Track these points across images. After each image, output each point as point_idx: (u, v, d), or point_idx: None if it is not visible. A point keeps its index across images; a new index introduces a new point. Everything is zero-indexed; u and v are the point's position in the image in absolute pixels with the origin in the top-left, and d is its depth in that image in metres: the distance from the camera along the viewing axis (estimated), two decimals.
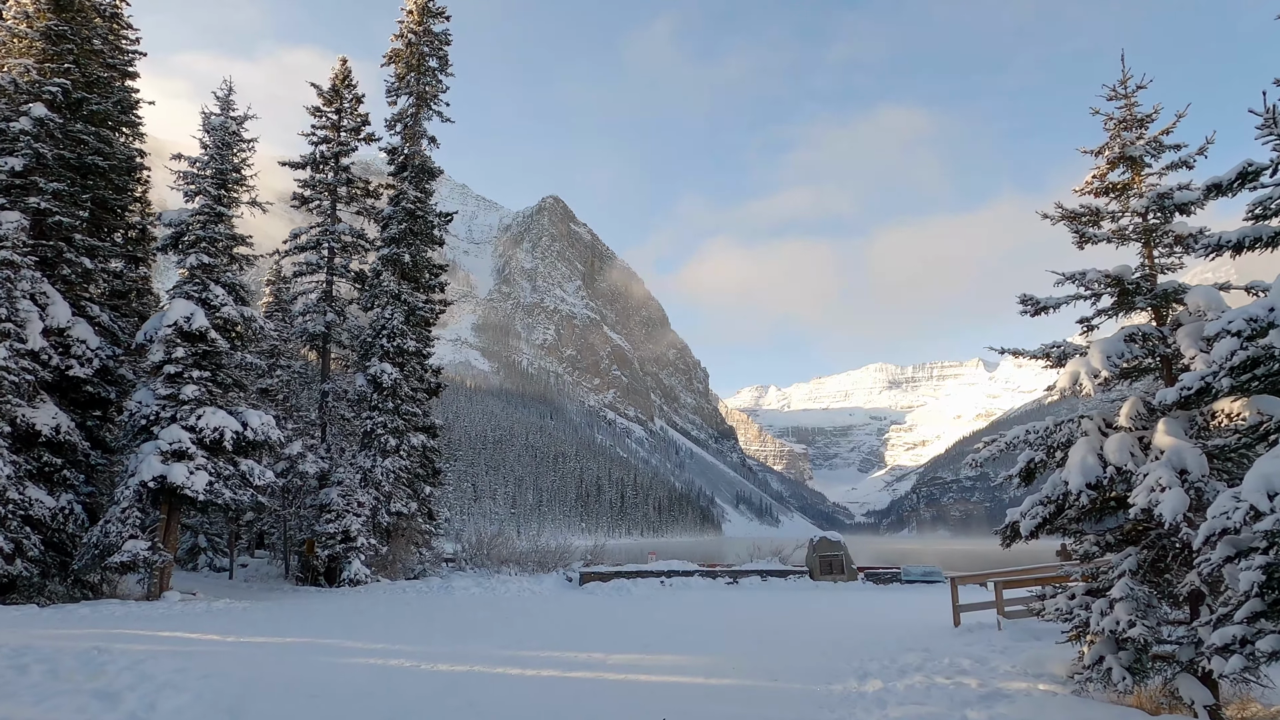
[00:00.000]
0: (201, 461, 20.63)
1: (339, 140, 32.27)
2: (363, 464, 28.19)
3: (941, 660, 10.26)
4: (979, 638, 12.24)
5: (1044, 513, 8.58)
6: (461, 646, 12.03)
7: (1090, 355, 8.24)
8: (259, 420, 21.98)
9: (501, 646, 12.20)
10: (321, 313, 31.12)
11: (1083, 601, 8.41)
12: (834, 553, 28.36)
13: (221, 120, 23.68)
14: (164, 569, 20.56)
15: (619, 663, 10.62)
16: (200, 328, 21.22)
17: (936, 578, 27.76)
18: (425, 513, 31.80)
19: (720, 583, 27.66)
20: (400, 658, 10.70)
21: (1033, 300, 9.47)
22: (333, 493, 26.54)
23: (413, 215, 30.16)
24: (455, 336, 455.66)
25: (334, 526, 26.01)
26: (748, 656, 11.34)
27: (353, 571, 25.81)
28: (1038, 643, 11.67)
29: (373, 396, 28.54)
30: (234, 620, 15.42)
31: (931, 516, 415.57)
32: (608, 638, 13.48)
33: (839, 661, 10.60)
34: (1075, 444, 8.34)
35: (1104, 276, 8.55)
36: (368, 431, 28.55)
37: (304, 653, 11.08)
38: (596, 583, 26.88)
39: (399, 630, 14.15)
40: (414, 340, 29.71)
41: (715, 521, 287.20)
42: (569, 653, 11.45)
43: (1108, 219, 9.12)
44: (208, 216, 22.63)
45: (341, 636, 12.95)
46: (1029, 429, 9.00)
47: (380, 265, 30.05)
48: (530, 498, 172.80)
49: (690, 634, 14.16)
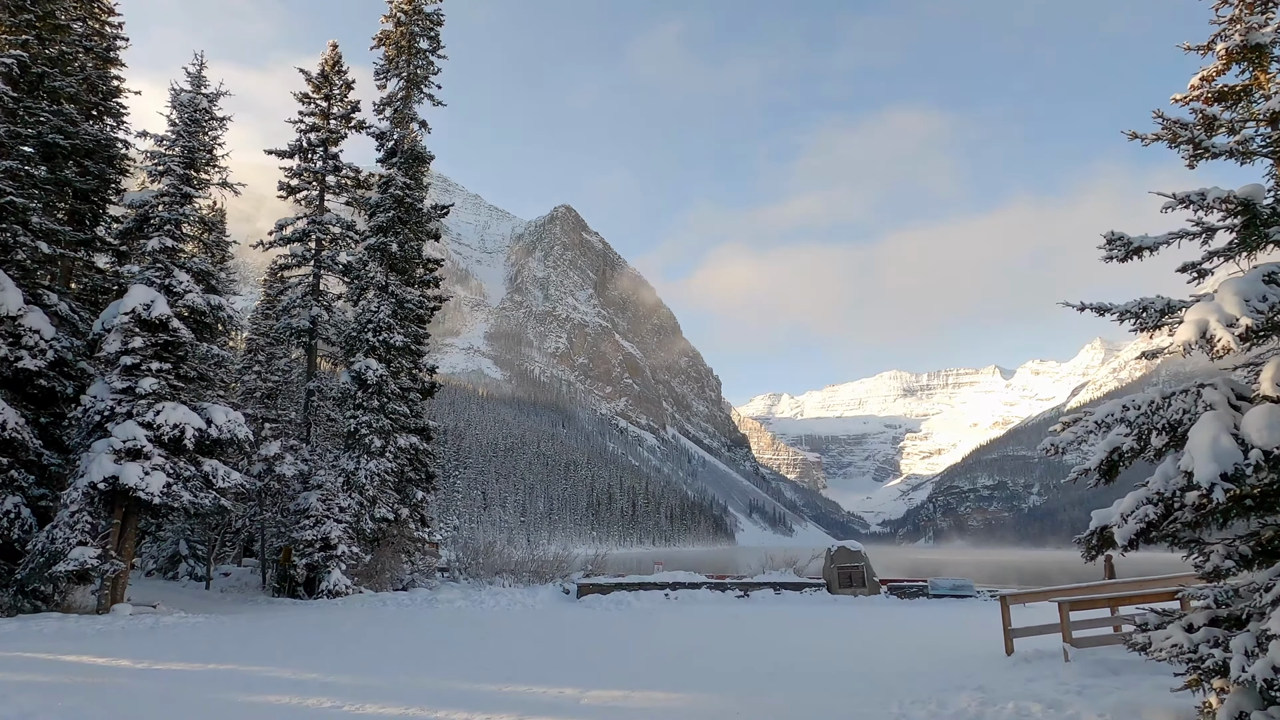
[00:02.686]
0: (159, 461, 18.79)
1: (328, 128, 30.62)
2: (345, 466, 26.30)
3: (1005, 706, 8.07)
4: (1042, 671, 10.03)
5: (1152, 514, 6.43)
6: (411, 678, 9.99)
7: (1220, 299, 6.11)
8: (225, 417, 20.12)
9: (460, 677, 10.15)
10: (307, 307, 29.36)
11: (1210, 636, 6.24)
12: (854, 564, 26.07)
13: (191, 97, 22.00)
14: (117, 579, 18.69)
15: (594, 704, 8.53)
16: (161, 316, 19.43)
17: (967, 592, 25.42)
18: (417, 519, 29.87)
19: (730, 596, 25.45)
20: (328, 694, 8.68)
21: (1122, 240, 7.35)
22: (311, 497, 24.64)
23: (401, 202, 28.36)
24: (468, 345, 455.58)
25: (312, 533, 24.09)
26: (758, 694, 9.21)
27: (332, 582, 23.87)
28: (1116, 679, 9.47)
29: (357, 394, 26.68)
30: (170, 640, 13.48)
31: (948, 526, 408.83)
32: (591, 666, 11.38)
33: (873, 704, 8.45)
34: (1198, 422, 6.19)
35: (1229, 198, 6.41)
36: (351, 431, 26.67)
37: (212, 686, 9.11)
38: (595, 595, 24.76)
39: (350, 655, 12.13)
40: (402, 335, 27.84)
41: (728, 531, 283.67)
42: (537, 688, 9.37)
43: (1224, 129, 7.00)
44: (173, 197, 20.90)
45: (276, 663, 10.95)
46: (1126, 403, 6.85)
47: (366, 255, 28.27)
48: (541, 506, 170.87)
49: (690, 661, 12.02)
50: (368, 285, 28.30)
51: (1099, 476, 7.80)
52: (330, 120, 30.62)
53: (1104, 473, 7.75)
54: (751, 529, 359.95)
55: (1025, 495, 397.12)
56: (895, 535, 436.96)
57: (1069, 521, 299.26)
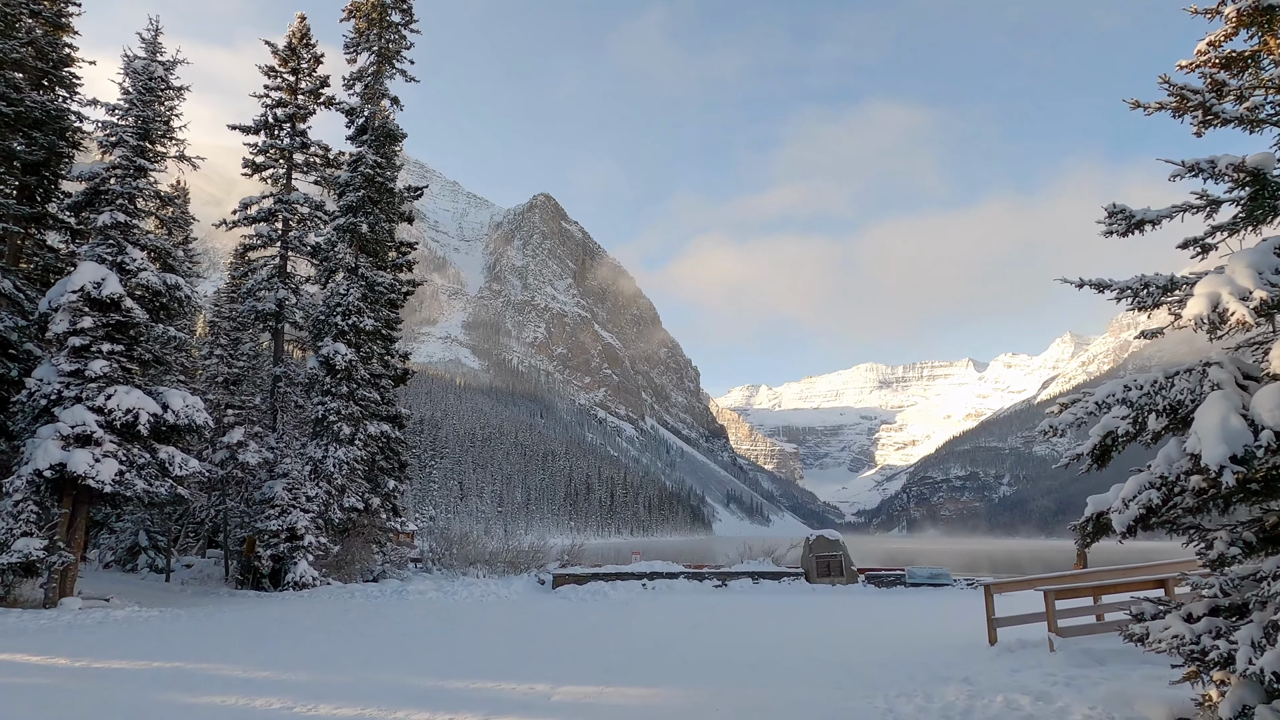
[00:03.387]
0: (110, 448, 17.92)
1: (296, 103, 29.55)
2: (313, 454, 25.49)
3: (993, 699, 7.74)
4: (1027, 661, 9.75)
5: (1155, 499, 6.08)
6: (372, 674, 9.44)
7: (1232, 271, 5.75)
8: (182, 402, 19.26)
9: (425, 673, 9.61)
10: (273, 289, 28.39)
11: (1212, 626, 5.91)
12: (832, 553, 25.88)
13: (145, 64, 20.92)
14: (65, 571, 17.82)
15: (566, 701, 8.05)
16: (112, 295, 18.47)
17: (944, 580, 25.36)
18: (389, 508, 29.15)
19: (708, 585, 25.14)
20: (280, 693, 8.11)
21: (1124, 213, 6.97)
22: (277, 486, 23.83)
23: (372, 181, 27.44)
24: (445, 334, 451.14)
25: (277, 523, 23.31)
26: (737, 688, 8.80)
27: (298, 573, 23.13)
28: (1103, 669, 9.20)
29: (325, 380, 25.83)
30: (118, 636, 12.76)
31: (922, 516, 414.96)
32: (564, 659, 10.90)
33: (857, 697, 8.07)
34: (1204, 402, 5.84)
35: (1241, 165, 6.04)
36: (319, 418, 25.84)
37: (153, 685, 8.49)
38: (571, 586, 24.30)
39: (310, 650, 11.53)
40: (373, 320, 27.00)
41: (706, 521, 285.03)
42: (506, 684, 8.88)
43: (1233, 96, 6.63)
44: (126, 170, 19.88)
45: (229, 660, 10.32)
46: (1128, 383, 6.48)
47: (335, 236, 27.33)
48: (518, 496, 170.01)
49: (667, 653, 11.60)
50: (337, 267, 27.40)
51: (1091, 462, 7.45)
52: (298, 95, 29.55)
53: (1096, 458, 7.40)
54: (729, 519, 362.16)
55: (996, 485, 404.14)
56: (870, 525, 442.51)
57: (1038, 511, 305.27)
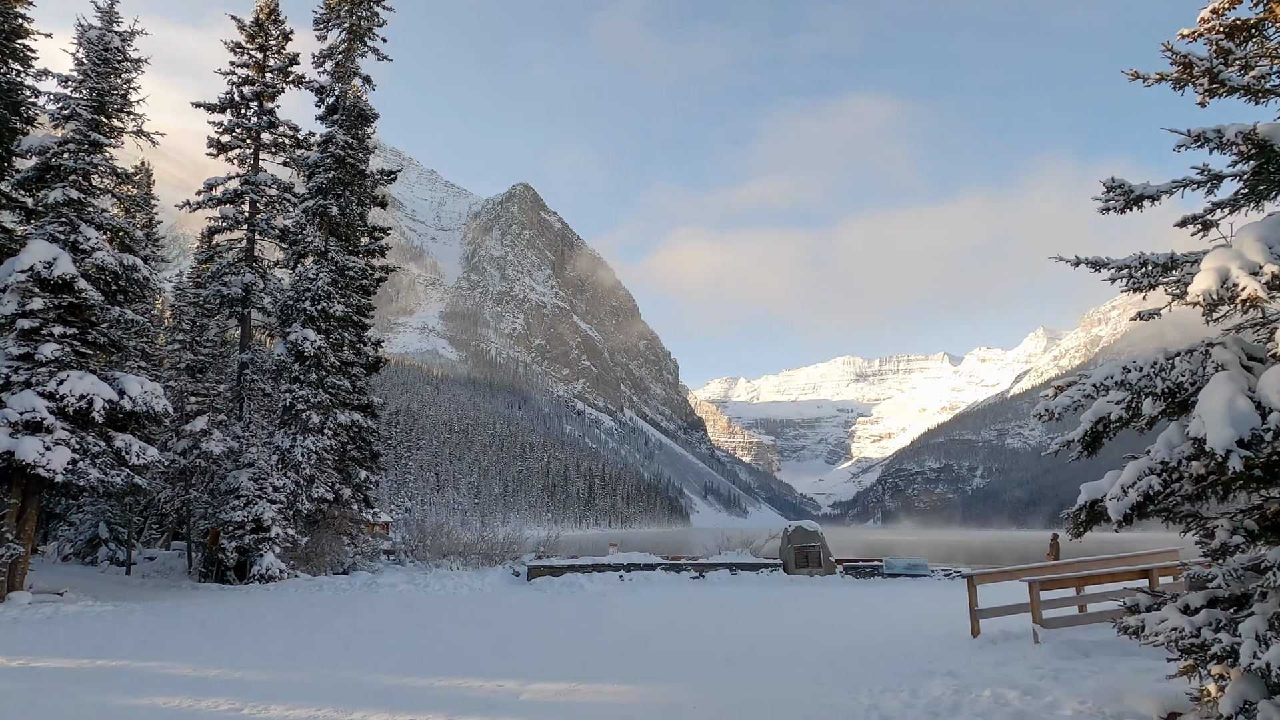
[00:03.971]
0: (62, 435, 17.10)
1: (263, 81, 28.52)
2: (280, 443, 24.75)
3: (980, 693, 7.47)
4: (1011, 654, 9.53)
5: (1155, 485, 5.80)
6: (332, 671, 8.95)
7: (1240, 245, 5.46)
8: (140, 388, 18.46)
9: (389, 670, 9.14)
10: (239, 274, 27.46)
11: (1212, 619, 5.65)
12: (810, 544, 25.74)
13: (100, 34, 19.94)
14: (15, 564, 17.02)
15: (535, 700, 7.64)
16: (65, 275, 17.60)
17: (921, 571, 25.35)
18: (361, 499, 28.49)
19: (685, 577, 24.87)
20: (230, 694, 7.60)
21: (1123, 188, 6.68)
22: (242, 476, 23.08)
23: (342, 163, 26.61)
24: (422, 324, 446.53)
25: (242, 514, 22.59)
26: (715, 684, 8.45)
27: (264, 566, 22.45)
28: (1089, 661, 9.00)
29: (293, 367, 25.07)
30: (65, 632, 12.10)
31: (896, 507, 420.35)
32: (536, 654, 10.48)
33: (840, 693, 7.76)
34: (1209, 383, 5.56)
35: (1251, 133, 5.75)
36: (287, 406, 25.08)
37: (92, 686, 7.93)
38: (546, 577, 23.89)
39: (269, 646, 10.99)
40: (343, 305, 26.24)
41: (683, 512, 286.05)
42: (473, 681, 8.44)
43: (1238, 65, 6.34)
44: (80, 145, 18.95)
45: (180, 657, 9.76)
46: (1126, 365, 6.19)
47: (304, 219, 26.49)
48: (496, 488, 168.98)
49: (643, 647, 11.23)
50: (306, 251, 26.58)
51: (1082, 449, 7.21)
52: (266, 73, 28.54)
53: (1088, 444, 7.16)
54: (707, 511, 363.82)
55: (970, 478, 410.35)
56: (845, 516, 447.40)
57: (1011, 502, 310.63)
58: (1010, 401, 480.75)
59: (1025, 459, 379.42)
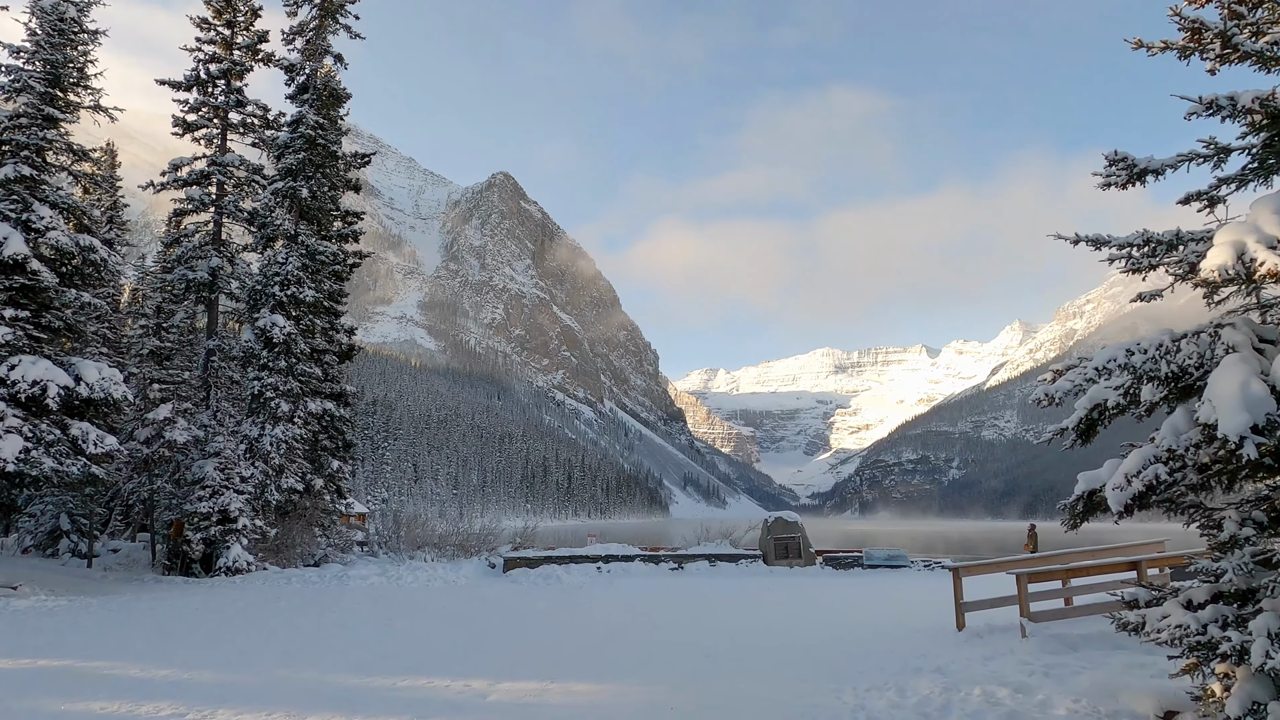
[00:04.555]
0: (14, 423, 16.34)
1: (231, 59, 27.56)
2: (249, 432, 24.01)
3: (970, 691, 7.17)
4: (999, 648, 9.28)
5: (1162, 474, 5.49)
6: (289, 671, 8.46)
7: (1256, 218, 5.14)
8: (97, 374, 17.70)
9: (351, 669, 8.67)
10: (206, 258, 26.58)
11: (1219, 615, 5.36)
12: (790, 535, 25.54)
13: (55, 3, 18.98)
14: None
15: (504, 700, 7.22)
16: (16, 255, 16.79)
17: (901, 562, 25.28)
18: (333, 490, 27.82)
19: (664, 568, 24.57)
20: (173, 697, 7.09)
21: (1126, 162, 6.34)
22: (208, 465, 22.34)
23: (313, 144, 25.77)
24: (400, 314, 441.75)
25: (208, 505, 21.88)
26: (694, 682, 8.08)
27: (231, 558, 21.77)
28: (1078, 656, 8.76)
29: (262, 354, 24.30)
30: (9, 630, 11.45)
31: (874, 498, 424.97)
32: (508, 651, 10.06)
33: (824, 691, 7.43)
34: (1220, 366, 5.25)
35: (1270, 98, 5.43)
36: (255, 394, 24.32)
37: (26, 689, 7.38)
38: (522, 569, 23.45)
39: (225, 644, 10.45)
40: (314, 290, 25.47)
41: (663, 503, 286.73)
42: (440, 680, 8.00)
43: (1249, 32, 6.02)
44: (33, 119, 18.04)
45: (129, 657, 9.21)
46: (1130, 347, 5.86)
47: (273, 201, 25.63)
48: (474, 479, 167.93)
49: (619, 642, 10.85)
50: (275, 235, 25.74)
51: (1076, 437, 6.90)
52: (234, 50, 27.57)
53: (1081, 432, 6.86)
54: (686, 501, 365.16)
55: (946, 469, 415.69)
56: (824, 507, 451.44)
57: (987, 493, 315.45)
58: (986, 393, 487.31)
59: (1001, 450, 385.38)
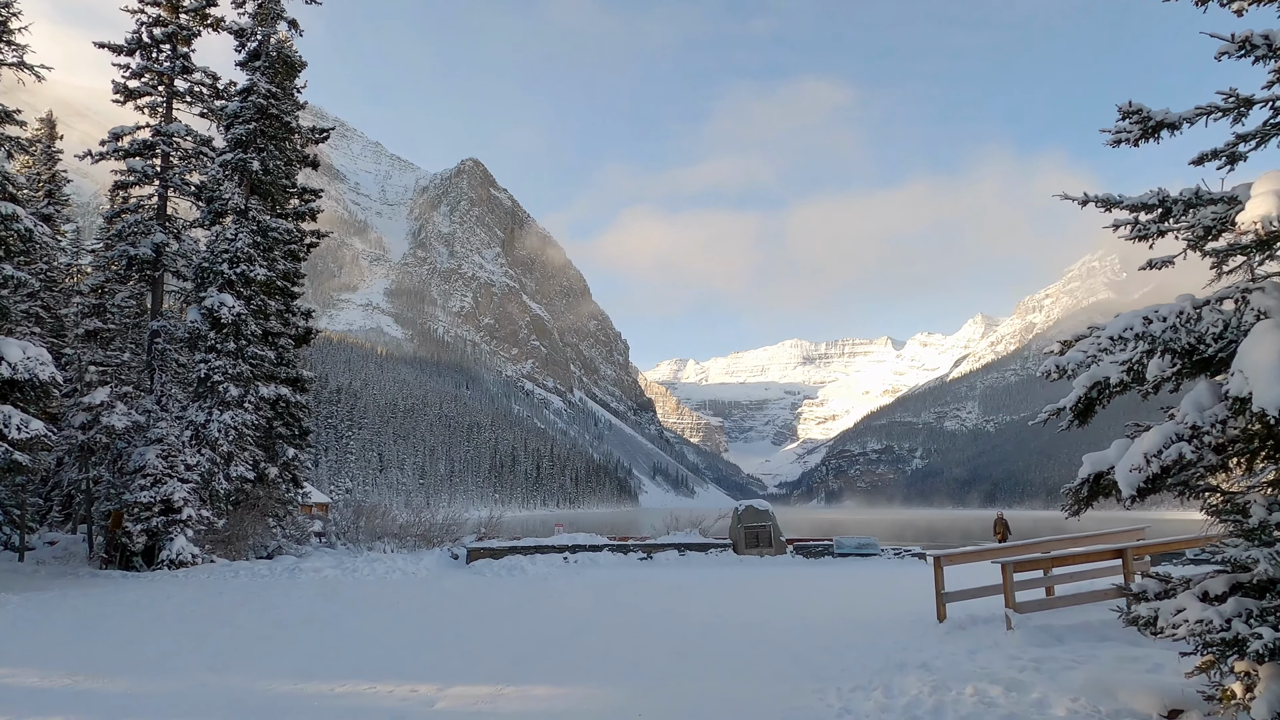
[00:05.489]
0: None
1: (177, 22, 25.97)
2: (195, 418, 22.74)
3: (961, 689, 6.65)
4: (983, 641, 8.82)
5: (1186, 453, 4.96)
6: (215, 676, 7.61)
7: None
8: (20, 354, 16.39)
9: (283, 674, 7.84)
10: (149, 233, 25.09)
11: (1242, 608, 4.86)
12: (761, 523, 25.14)
13: None
14: None
15: (452, 707, 6.49)
16: None
17: (872, 550, 25.05)
18: (289, 479, 26.62)
19: (633, 558, 23.97)
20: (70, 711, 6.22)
21: (1140, 114, 5.80)
22: (149, 453, 21.07)
23: (265, 113, 24.39)
24: (366, 301, 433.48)
25: (149, 495, 20.63)
26: (663, 683, 7.44)
27: (175, 551, 20.58)
28: (1065, 648, 8.33)
29: (209, 335, 22.99)
30: None
31: (840, 487, 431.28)
32: (463, 649, 9.32)
33: (805, 692, 6.84)
34: (1251, 334, 4.73)
35: None
36: (202, 378, 23.03)
37: None
38: (486, 560, 22.63)
39: (147, 646, 9.52)
40: (266, 269, 24.17)
41: (632, 493, 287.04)
42: (383, 684, 7.23)
43: None
44: None
45: (31, 662, 8.26)
46: (1148, 315, 5.32)
47: (222, 174, 24.24)
48: (442, 468, 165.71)
49: (584, 638, 10.17)
50: (224, 209, 24.35)
51: (1073, 418, 6.40)
52: (180, 14, 25.99)
53: (1079, 413, 6.36)
54: (655, 491, 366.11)
55: (910, 458, 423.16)
56: (790, 496, 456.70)
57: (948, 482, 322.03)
58: (949, 385, 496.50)
59: (962, 440, 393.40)
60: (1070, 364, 5.69)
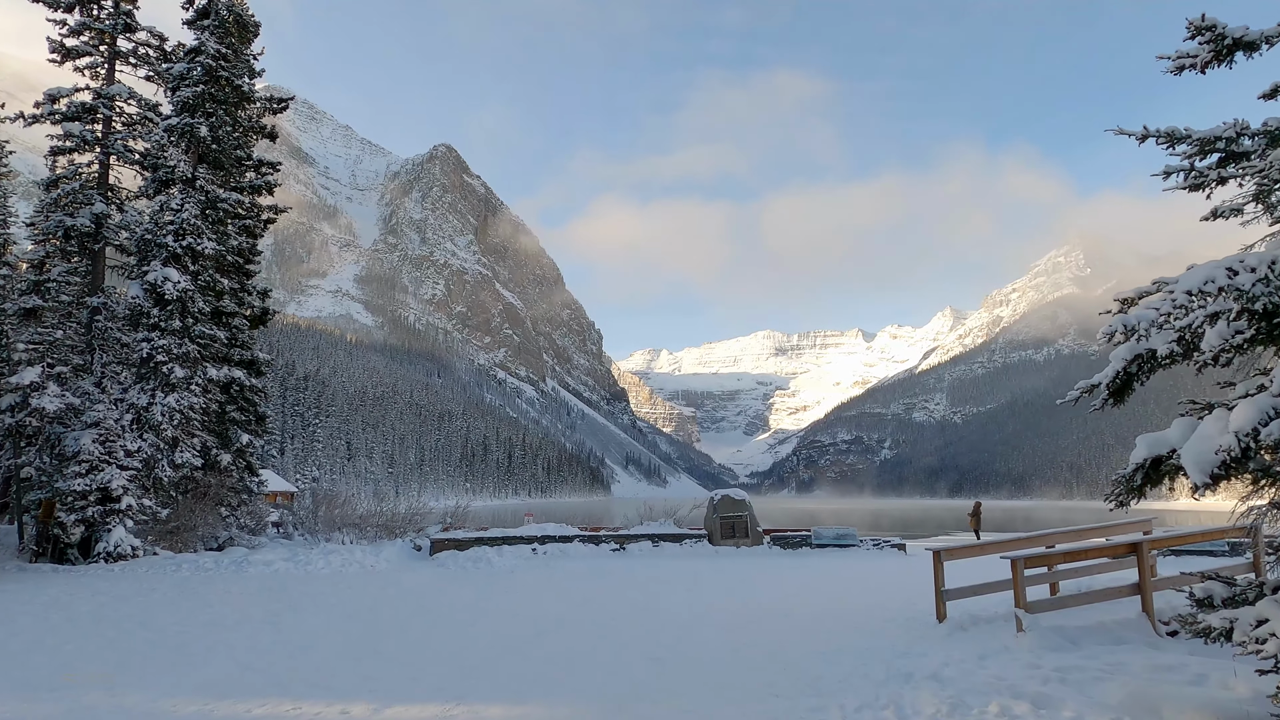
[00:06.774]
0: None
1: None
2: (136, 401, 21.21)
3: (983, 706, 5.75)
4: (991, 644, 7.99)
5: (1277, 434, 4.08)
6: (104, 695, 6.45)
7: None
8: None
9: (194, 688, 6.71)
10: (89, 203, 23.34)
11: None
12: (738, 514, 24.32)
13: None
14: None
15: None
16: None
17: (850, 541, 24.38)
18: (243, 466, 25.18)
19: (605, 549, 23.03)
20: None
21: (1214, 31, 4.89)
22: (85, 437, 19.55)
23: (214, 75, 22.76)
24: (335, 287, 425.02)
25: (84, 482, 19.16)
26: (636, 699, 6.45)
27: (112, 542, 19.15)
28: (1080, 651, 7.54)
29: (152, 312, 21.43)
30: None
31: (810, 477, 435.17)
32: (411, 656, 8.24)
33: (803, 709, 5.91)
34: None
35: None
36: (145, 358, 21.48)
37: None
38: (451, 552, 21.54)
39: (39, 654, 8.29)
40: (214, 243, 22.64)
41: (604, 482, 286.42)
42: (310, 704, 6.14)
43: None
44: None
45: None
46: (1233, 265, 4.40)
47: (167, 140, 22.58)
48: (411, 457, 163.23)
49: (549, 641, 9.15)
50: (170, 179, 22.72)
51: (1108, 395, 5.56)
52: None
53: (1115, 390, 5.53)
54: (627, 480, 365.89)
55: (879, 449, 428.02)
56: (762, 486, 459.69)
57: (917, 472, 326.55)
58: (918, 377, 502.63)
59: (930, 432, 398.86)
60: (1142, 323, 4.77)
